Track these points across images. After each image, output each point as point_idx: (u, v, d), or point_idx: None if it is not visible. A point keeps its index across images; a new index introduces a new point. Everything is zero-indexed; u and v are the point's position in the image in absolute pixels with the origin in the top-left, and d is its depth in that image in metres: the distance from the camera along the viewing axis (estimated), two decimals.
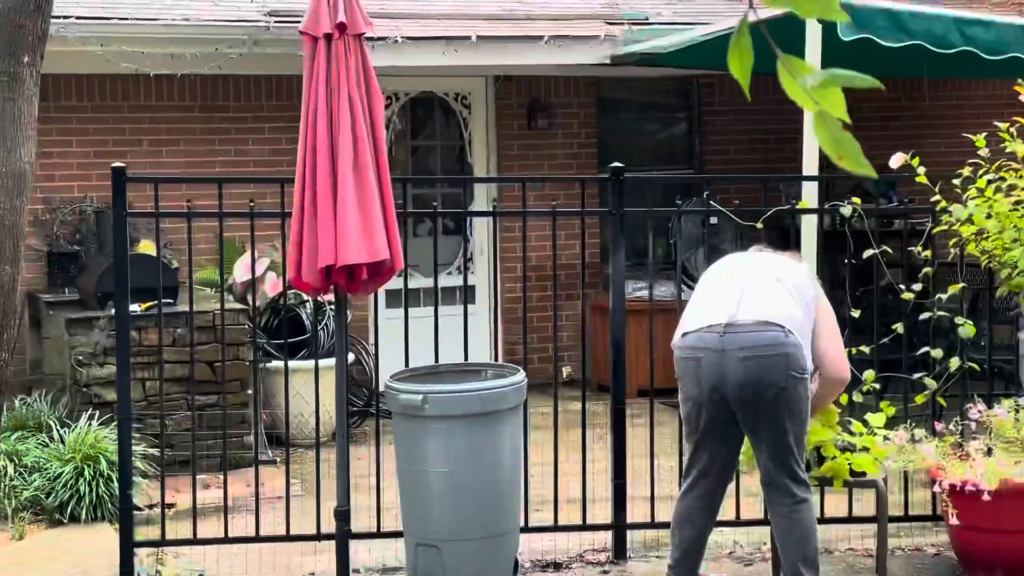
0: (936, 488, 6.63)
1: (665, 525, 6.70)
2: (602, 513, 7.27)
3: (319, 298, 8.61)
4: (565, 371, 11.78)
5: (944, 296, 6.86)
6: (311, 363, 9.35)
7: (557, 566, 6.88)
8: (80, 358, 8.75)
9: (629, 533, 7.07)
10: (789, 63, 1.67)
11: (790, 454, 5.71)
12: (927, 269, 6.97)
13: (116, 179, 6.68)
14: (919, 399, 6.95)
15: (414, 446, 6.18)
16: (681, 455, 7.11)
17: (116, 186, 6.68)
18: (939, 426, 6.91)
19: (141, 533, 7.18)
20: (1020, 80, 6.83)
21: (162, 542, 6.95)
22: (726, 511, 7.24)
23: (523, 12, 11.25)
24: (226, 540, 6.94)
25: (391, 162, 8.62)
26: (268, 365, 9.67)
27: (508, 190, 11.46)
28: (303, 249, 6.27)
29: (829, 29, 7.91)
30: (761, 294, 5.75)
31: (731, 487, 7.24)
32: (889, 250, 7.08)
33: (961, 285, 6.88)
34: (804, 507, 5.76)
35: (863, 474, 6.27)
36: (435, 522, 6.16)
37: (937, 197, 6.81)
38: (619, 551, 7.01)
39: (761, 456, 5.78)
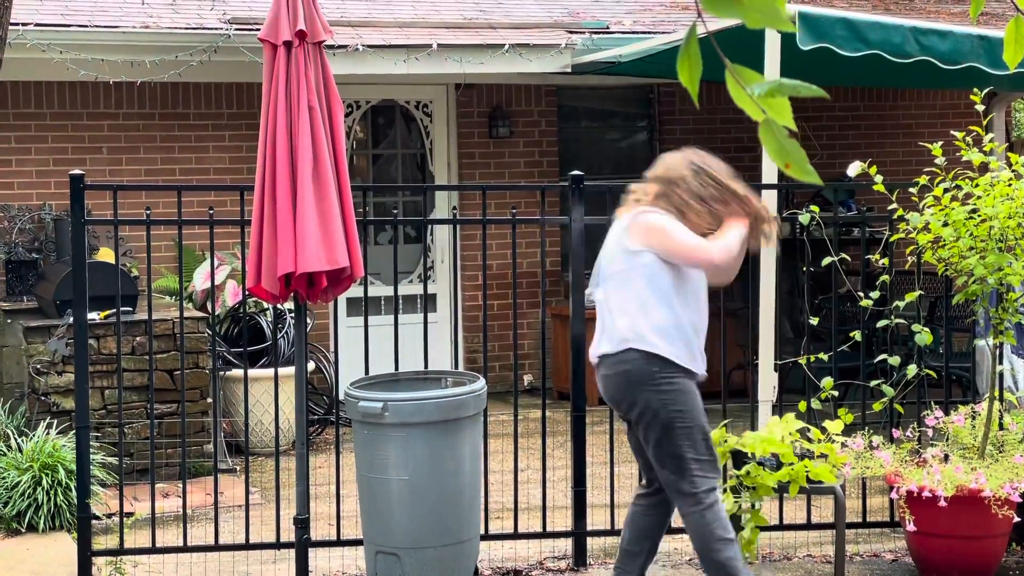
0: (893, 494, 6.67)
1: None
2: (562, 520, 7.28)
3: (279, 306, 8.58)
4: (526, 379, 11.80)
5: (901, 304, 6.90)
6: (271, 371, 9.31)
7: (517, 573, 6.89)
8: (38, 366, 8.70)
9: (589, 540, 7.09)
10: (737, 72, 1.69)
11: (674, 461, 5.65)
12: (884, 277, 7.02)
13: (74, 186, 6.66)
14: (877, 406, 6.99)
15: (374, 454, 6.18)
16: None
17: (74, 193, 6.65)
18: (896, 433, 6.96)
19: (100, 542, 7.15)
20: (976, 90, 6.89)
21: (121, 551, 6.92)
22: None
23: (484, 20, 11.26)
24: (185, 549, 6.92)
25: (352, 170, 8.64)
26: (228, 373, 9.64)
27: (469, 198, 11.47)
28: (263, 257, 6.27)
29: (788, 38, 7.96)
30: (610, 315, 5.80)
31: None
32: (847, 258, 7.13)
33: (918, 293, 6.93)
34: (697, 509, 5.68)
35: (821, 481, 6.31)
36: (395, 530, 6.16)
37: (894, 205, 6.86)
38: (579, 558, 7.02)
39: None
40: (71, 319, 7.32)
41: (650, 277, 5.67)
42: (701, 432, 5.66)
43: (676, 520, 7.24)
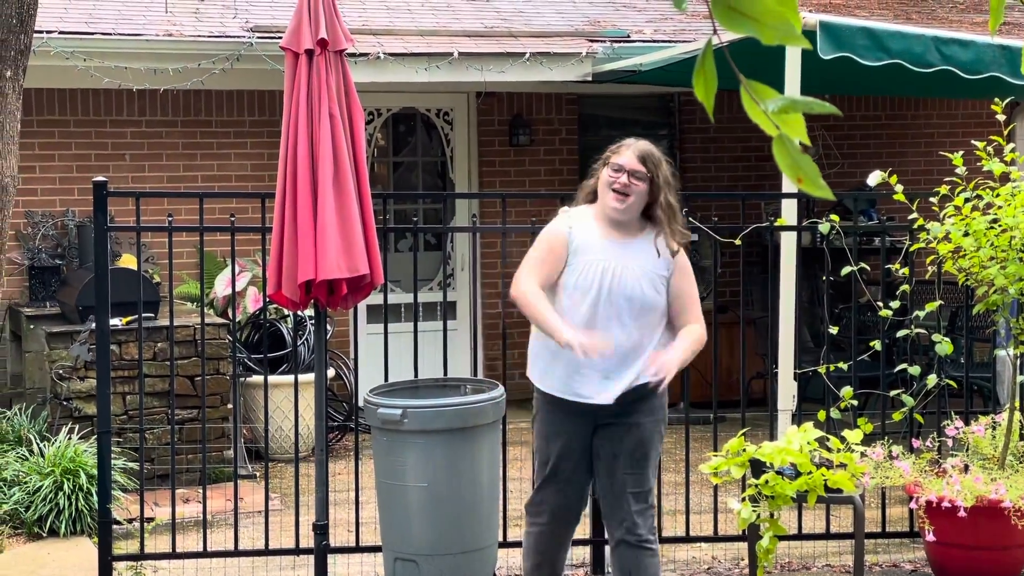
0: (913, 504, 6.67)
1: None
2: (580, 528, 7.26)
3: (299, 313, 8.61)
4: None
5: (922, 313, 6.90)
6: (291, 378, 9.35)
7: None
8: (60, 372, 8.74)
9: (607, 548, 7.08)
10: (752, 88, 1.71)
11: None
12: (905, 286, 7.02)
13: (97, 193, 6.70)
14: (897, 416, 6.99)
15: (393, 461, 6.19)
16: (660, 471, 7.14)
17: (97, 200, 6.69)
18: (916, 443, 6.95)
19: (120, 547, 7.18)
20: (997, 99, 6.88)
21: (141, 556, 6.95)
22: (704, 527, 7.29)
23: (505, 29, 11.29)
24: (205, 554, 6.95)
25: (372, 178, 8.66)
26: (248, 379, 9.67)
27: (489, 205, 11.49)
28: (283, 263, 6.29)
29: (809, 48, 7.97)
30: None
31: (708, 503, 7.28)
32: (867, 267, 7.13)
33: (939, 302, 6.92)
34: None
35: (840, 491, 6.30)
36: (413, 536, 6.17)
37: (915, 215, 6.86)
38: (597, 566, 7.03)
39: None
40: (93, 325, 7.36)
41: None
42: (540, 453, 5.87)
43: (693, 528, 7.26)
